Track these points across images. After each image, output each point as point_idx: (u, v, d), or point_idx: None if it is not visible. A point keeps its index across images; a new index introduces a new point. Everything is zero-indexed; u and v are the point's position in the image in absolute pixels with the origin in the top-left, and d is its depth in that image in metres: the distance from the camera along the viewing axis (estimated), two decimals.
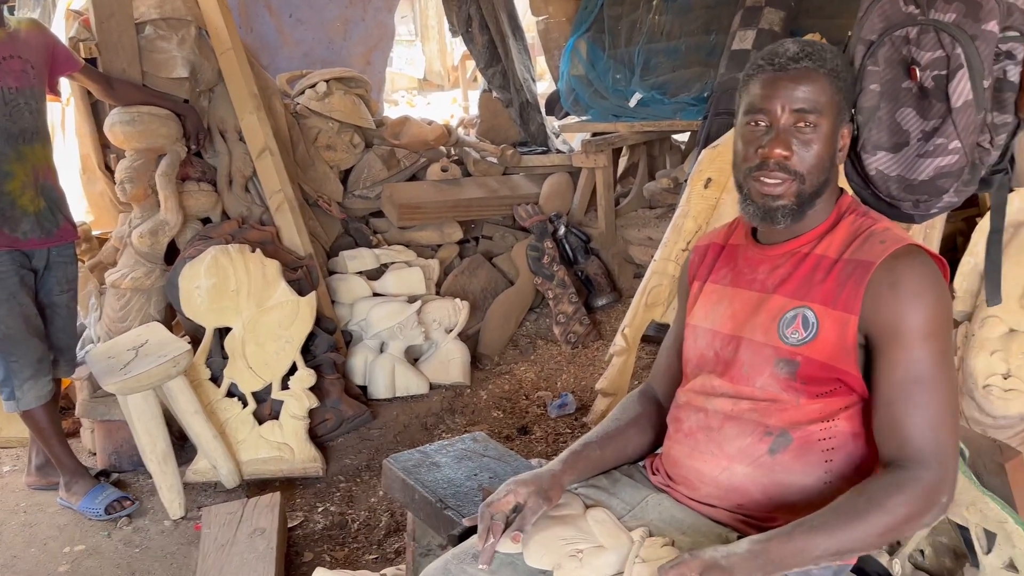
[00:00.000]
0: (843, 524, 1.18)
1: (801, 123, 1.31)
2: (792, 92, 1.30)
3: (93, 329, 3.30)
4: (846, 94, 1.35)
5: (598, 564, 1.30)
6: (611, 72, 4.34)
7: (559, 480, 1.42)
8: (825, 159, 1.33)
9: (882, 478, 1.22)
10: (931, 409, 1.23)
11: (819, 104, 1.30)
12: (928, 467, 1.21)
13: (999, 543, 1.45)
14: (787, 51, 1.33)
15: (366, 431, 3.32)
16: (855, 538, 1.18)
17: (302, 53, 4.82)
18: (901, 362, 1.24)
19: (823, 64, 1.32)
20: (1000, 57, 1.50)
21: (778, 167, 1.32)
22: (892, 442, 1.24)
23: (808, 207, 1.35)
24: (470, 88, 8.95)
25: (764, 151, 1.32)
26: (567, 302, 4.00)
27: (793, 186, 1.32)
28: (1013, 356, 2.34)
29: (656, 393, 1.61)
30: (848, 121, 1.37)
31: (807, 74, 1.31)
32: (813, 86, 1.30)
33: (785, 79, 1.31)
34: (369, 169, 4.13)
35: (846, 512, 1.19)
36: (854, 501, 1.20)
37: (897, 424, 1.24)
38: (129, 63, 3.27)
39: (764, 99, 1.32)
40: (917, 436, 1.23)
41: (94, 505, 2.82)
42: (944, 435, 1.23)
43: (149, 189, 3.22)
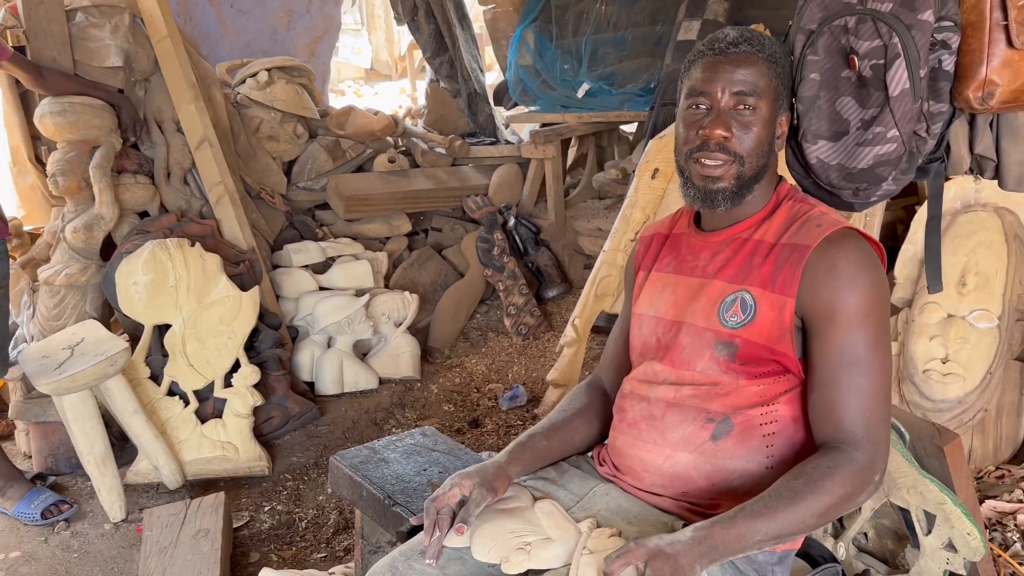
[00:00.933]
0: (783, 508, 1.20)
1: (741, 106, 1.33)
2: (732, 75, 1.33)
3: (26, 328, 3.18)
4: (784, 81, 1.38)
5: (546, 556, 1.29)
6: (559, 62, 4.33)
7: (505, 471, 1.41)
8: (764, 142, 1.35)
9: (817, 460, 1.24)
10: (864, 392, 1.26)
11: (758, 87, 1.33)
12: (861, 448, 1.24)
13: (938, 524, 1.48)
14: (727, 36, 1.35)
15: (313, 428, 3.27)
16: (795, 520, 1.20)
17: (244, 43, 4.71)
18: (836, 344, 1.27)
19: (761, 50, 1.34)
20: (935, 47, 1.52)
21: (719, 148, 1.34)
22: (826, 423, 1.27)
23: (747, 191, 1.36)
24: (418, 78, 8.87)
25: (705, 132, 1.34)
26: (517, 294, 3.99)
27: (733, 168, 1.34)
28: (951, 341, 2.39)
29: (603, 384, 1.62)
30: (786, 109, 1.40)
31: (746, 58, 1.33)
32: (752, 69, 1.33)
33: (725, 63, 1.33)
34: (314, 160, 4.06)
35: (786, 496, 1.21)
36: (792, 484, 1.22)
37: (831, 406, 1.26)
38: (60, 52, 3.15)
39: (705, 82, 1.34)
40: (850, 418, 1.25)
41: (30, 510, 2.72)
42: (876, 417, 1.26)
43: (83, 182, 3.12)
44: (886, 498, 1.54)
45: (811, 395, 1.29)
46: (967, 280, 2.40)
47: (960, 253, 2.41)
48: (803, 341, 1.31)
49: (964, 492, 1.52)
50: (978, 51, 1.48)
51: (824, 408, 1.27)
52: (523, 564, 1.29)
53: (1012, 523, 2.03)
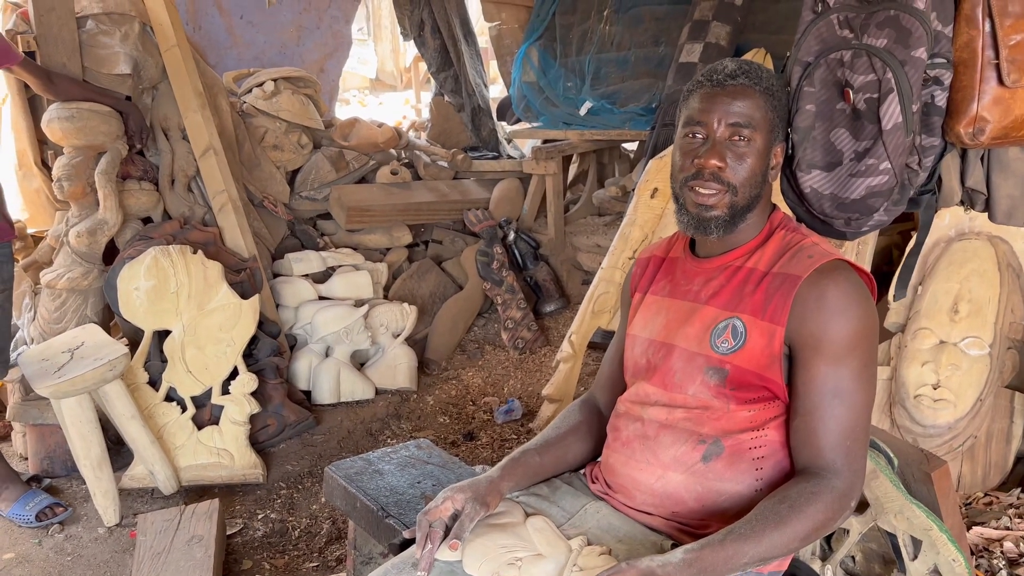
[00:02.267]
0: (769, 531, 1.23)
1: (736, 137, 1.36)
2: (728, 107, 1.36)
3: (27, 330, 3.20)
4: (780, 113, 1.40)
5: (536, 572, 1.31)
6: (562, 80, 4.37)
7: (497, 487, 1.43)
8: (757, 173, 1.38)
9: (800, 485, 1.28)
10: (846, 422, 1.29)
11: (753, 119, 1.36)
12: (841, 476, 1.28)
13: (924, 550, 1.50)
14: (725, 68, 1.38)
15: (309, 437, 3.28)
16: (780, 543, 1.24)
17: (252, 56, 4.75)
18: (821, 374, 1.29)
19: (759, 82, 1.37)
20: (928, 83, 1.56)
21: (713, 177, 1.36)
22: (807, 449, 1.31)
23: (740, 220, 1.39)
24: (423, 89, 8.92)
25: (700, 161, 1.37)
26: (515, 308, 4.01)
27: (726, 197, 1.37)
28: (942, 367, 2.42)
29: (598, 402, 1.64)
30: (781, 140, 1.42)
31: (743, 91, 1.36)
32: (748, 102, 1.36)
33: (722, 94, 1.36)
34: (317, 170, 4.09)
35: (772, 520, 1.24)
36: (777, 509, 1.25)
37: (812, 434, 1.30)
38: (69, 58, 3.19)
39: (702, 112, 1.37)
40: (830, 447, 1.29)
41: (24, 512, 2.73)
42: (856, 447, 1.30)
43: (88, 187, 3.14)
44: (874, 522, 1.56)
45: (793, 421, 1.32)
46: (960, 307, 2.43)
47: (953, 280, 2.44)
48: (789, 367, 1.34)
49: (951, 519, 1.54)
50: (970, 88, 1.52)
51: (805, 435, 1.30)
52: None
53: (999, 549, 2.05)
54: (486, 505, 1.39)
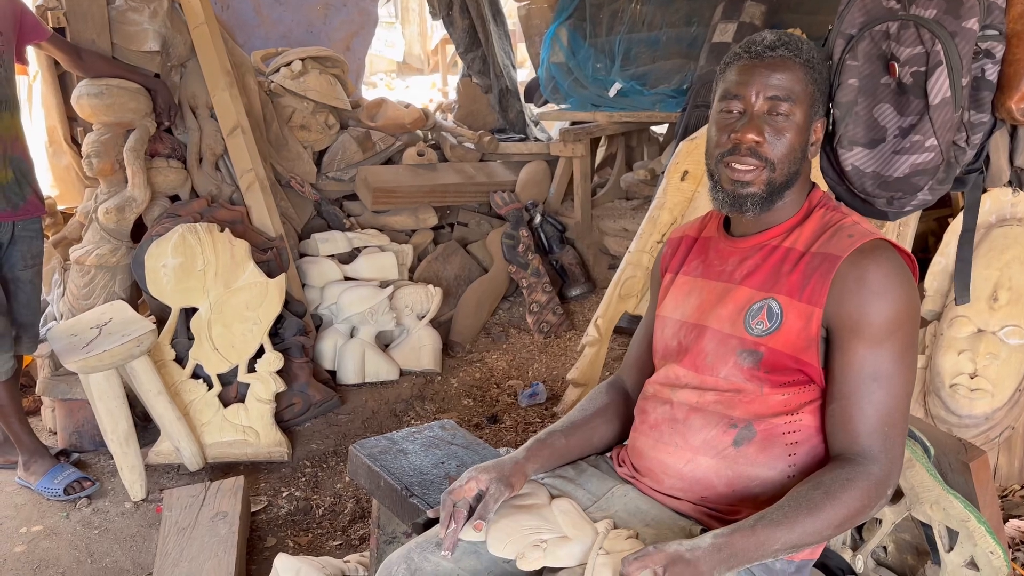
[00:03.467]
0: (802, 518, 1.19)
1: (775, 111, 1.32)
2: (767, 79, 1.31)
3: (56, 306, 3.23)
4: (820, 87, 1.35)
5: (561, 554, 1.29)
6: (591, 61, 4.32)
7: (522, 468, 1.41)
8: (796, 149, 1.33)
9: (835, 471, 1.23)
10: (884, 406, 1.25)
11: (793, 92, 1.31)
12: (878, 463, 1.23)
13: (961, 541, 1.45)
14: (764, 40, 1.34)
15: (334, 416, 3.29)
16: (813, 530, 1.20)
17: (280, 34, 4.74)
18: (859, 357, 1.25)
19: (799, 54, 1.33)
20: (979, 55, 1.50)
21: (750, 152, 1.32)
22: (843, 435, 1.26)
23: (777, 197, 1.35)
24: (449, 73, 8.88)
25: (736, 136, 1.33)
26: (541, 291, 3.99)
27: (763, 174, 1.32)
28: (980, 356, 2.36)
29: (625, 384, 1.61)
30: (822, 115, 1.37)
31: (783, 62, 1.31)
32: (788, 74, 1.31)
33: (761, 66, 1.32)
34: (344, 151, 4.08)
35: (805, 506, 1.20)
36: (811, 495, 1.21)
37: (849, 419, 1.25)
38: (98, 34, 3.19)
39: (739, 85, 1.33)
40: (868, 432, 1.24)
41: (53, 485, 2.76)
42: (894, 432, 1.25)
43: (116, 164, 3.15)
44: (908, 512, 1.52)
45: (830, 405, 1.28)
46: (999, 295, 2.36)
47: (993, 267, 2.37)
48: (825, 350, 1.30)
49: (988, 510, 1.50)
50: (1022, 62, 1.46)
51: (842, 419, 1.26)
52: (539, 561, 1.29)
53: None
54: (511, 486, 1.37)
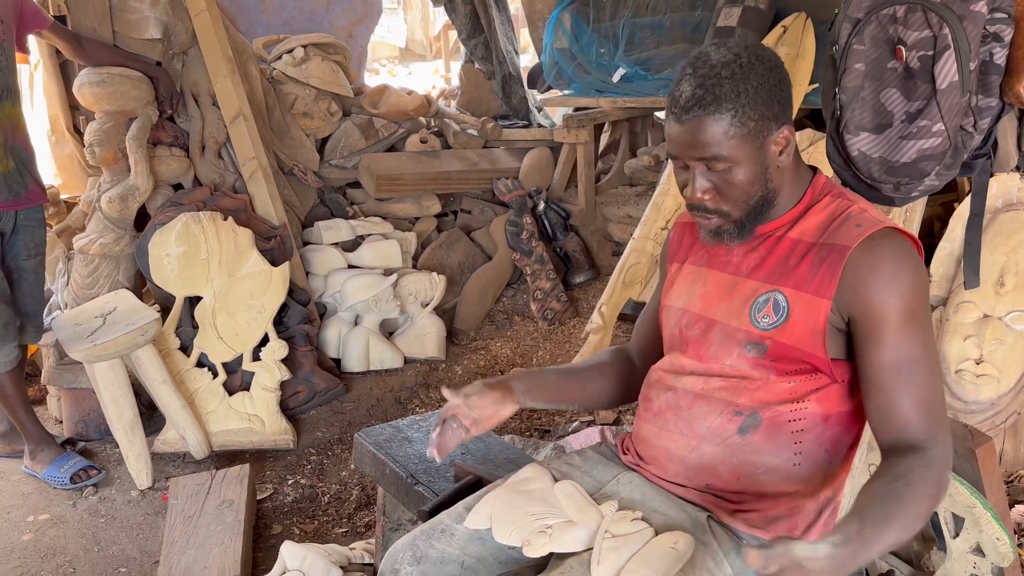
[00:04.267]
0: (899, 514, 1.13)
1: (712, 168, 1.28)
2: (692, 142, 1.26)
3: (60, 295, 3.23)
4: (763, 107, 1.26)
5: (567, 540, 1.29)
6: (595, 46, 4.28)
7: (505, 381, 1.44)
8: (751, 185, 1.29)
9: (908, 459, 1.19)
10: (925, 388, 1.23)
11: (723, 147, 1.25)
12: (938, 444, 1.21)
13: (967, 527, 1.46)
14: (681, 96, 1.26)
15: (339, 404, 3.29)
16: (908, 526, 1.15)
17: (282, 21, 4.71)
18: (891, 344, 1.23)
19: (717, 105, 1.24)
20: (987, 39, 1.48)
21: (703, 209, 1.31)
22: (892, 425, 1.23)
23: (754, 223, 1.33)
24: (452, 59, 8.83)
25: (687, 196, 1.32)
26: (545, 278, 3.98)
27: (725, 220, 1.32)
28: (986, 342, 2.35)
29: (631, 352, 1.61)
30: (783, 122, 1.29)
31: (700, 124, 1.24)
32: (710, 131, 1.24)
33: (683, 131, 1.27)
34: (346, 138, 4.06)
35: (895, 502, 1.14)
36: (895, 487, 1.15)
37: (897, 407, 1.23)
38: (99, 22, 3.18)
39: (673, 146, 1.30)
40: (920, 417, 1.22)
41: (59, 474, 2.77)
42: (940, 411, 1.24)
43: (119, 153, 3.15)
44: None
45: (869, 399, 1.25)
46: (1006, 280, 2.35)
47: (1000, 252, 2.36)
48: (847, 343, 1.28)
49: (995, 496, 1.49)
50: None
51: (888, 408, 1.23)
52: (545, 547, 1.29)
53: None
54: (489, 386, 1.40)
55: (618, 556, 1.21)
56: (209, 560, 2.23)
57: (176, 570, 2.21)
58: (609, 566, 1.21)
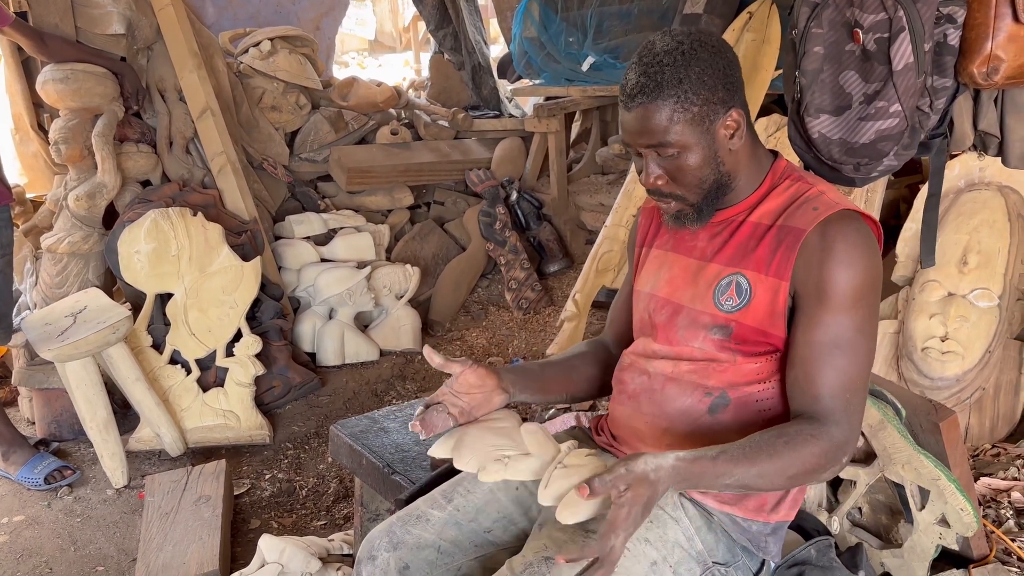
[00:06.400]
0: (762, 460, 1.20)
1: (663, 153, 1.30)
2: (640, 130, 1.29)
3: (29, 295, 3.19)
4: (709, 91, 1.27)
5: (521, 468, 1.31)
6: (564, 35, 4.28)
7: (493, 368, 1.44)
8: (702, 168, 1.31)
9: (800, 425, 1.25)
10: (847, 374, 1.26)
11: (668, 133, 1.27)
12: (840, 427, 1.25)
13: (932, 499, 1.49)
14: (627, 85, 1.29)
15: (315, 398, 3.29)
16: (768, 475, 1.21)
17: (248, 15, 4.66)
18: (823, 324, 1.26)
19: (659, 92, 1.26)
20: (941, 20, 1.50)
21: (659, 194, 1.34)
22: (805, 397, 1.27)
23: (714, 204, 1.35)
24: (422, 50, 8.79)
25: (643, 183, 1.34)
26: (519, 268, 3.99)
27: (682, 203, 1.34)
28: (951, 319, 2.39)
29: (607, 341, 1.64)
30: (731, 106, 1.30)
31: (646, 110, 1.27)
32: (655, 117, 1.26)
33: (632, 119, 1.29)
34: (316, 131, 4.04)
35: (767, 450, 1.21)
36: (774, 441, 1.22)
37: (811, 382, 1.26)
38: (62, 18, 3.13)
39: (625, 135, 1.33)
40: (830, 395, 1.25)
41: (33, 475, 2.75)
42: (855, 399, 1.27)
43: (85, 150, 3.11)
44: (881, 473, 1.55)
45: (792, 370, 1.29)
46: (969, 259, 2.40)
47: (962, 232, 2.40)
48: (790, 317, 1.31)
49: (959, 468, 1.53)
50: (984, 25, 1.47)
51: (805, 383, 1.27)
52: (499, 474, 1.31)
53: (1006, 500, 2.05)
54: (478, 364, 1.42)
55: (567, 483, 1.24)
56: (187, 556, 2.22)
57: (154, 567, 2.20)
58: (555, 490, 1.24)
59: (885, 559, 1.59)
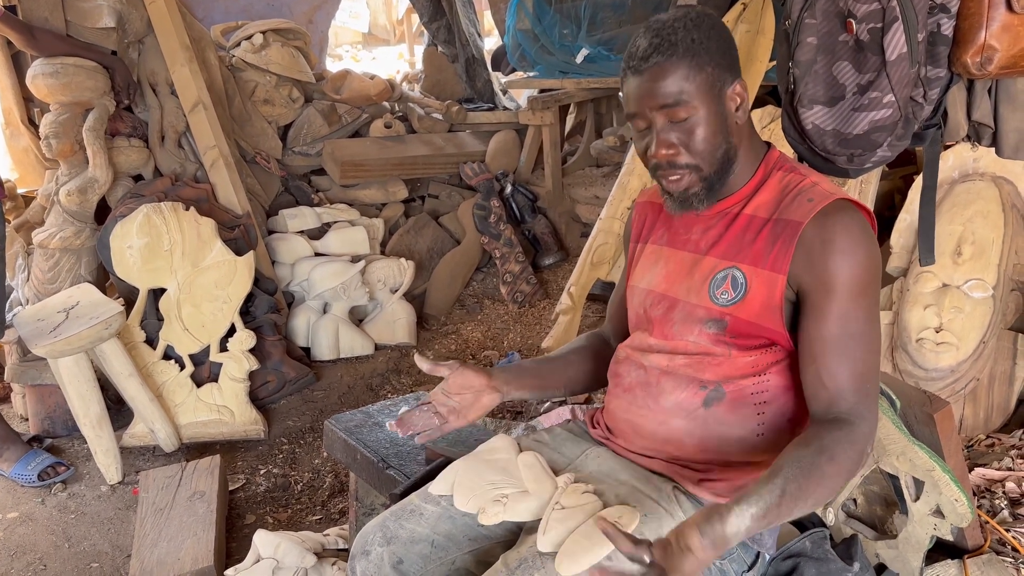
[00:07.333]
0: (814, 488, 1.17)
1: (674, 119, 1.29)
2: (653, 91, 1.28)
3: (21, 291, 3.18)
4: (717, 57, 1.29)
5: (520, 509, 1.32)
6: (558, 27, 4.27)
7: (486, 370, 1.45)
8: (715, 136, 1.30)
9: (833, 433, 1.21)
10: (864, 364, 1.25)
11: (684, 92, 1.27)
12: (865, 420, 1.24)
13: (927, 490, 1.49)
14: (638, 50, 1.29)
15: (309, 393, 3.28)
16: (821, 499, 1.19)
17: (240, 8, 4.64)
18: (835, 316, 1.25)
19: (674, 50, 1.27)
20: (934, 10, 1.50)
21: (670, 166, 1.32)
22: (824, 394, 1.26)
23: (722, 180, 1.34)
24: (416, 43, 8.76)
25: (652, 155, 1.32)
26: (514, 261, 3.99)
27: (693, 175, 1.32)
28: (945, 310, 2.39)
29: (607, 334, 1.64)
30: (736, 78, 1.32)
31: (660, 70, 1.27)
32: (671, 77, 1.27)
33: (643, 81, 1.28)
34: (309, 125, 4.02)
35: (816, 475, 1.17)
36: (817, 461, 1.18)
37: (833, 377, 1.25)
38: (51, 12, 3.11)
39: (633, 104, 1.31)
40: (852, 390, 1.24)
41: (26, 471, 2.74)
42: (872, 388, 1.26)
43: (76, 145, 3.09)
44: (876, 464, 1.55)
45: (806, 367, 1.27)
46: (963, 250, 2.40)
47: (957, 222, 2.40)
48: (794, 314, 1.30)
49: (953, 459, 1.53)
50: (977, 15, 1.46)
51: (824, 379, 1.25)
52: (498, 515, 1.32)
53: (1000, 490, 2.05)
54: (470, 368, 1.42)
55: (564, 527, 1.24)
56: (182, 552, 2.22)
57: (149, 563, 2.20)
58: (553, 536, 1.24)
59: (880, 550, 1.59)
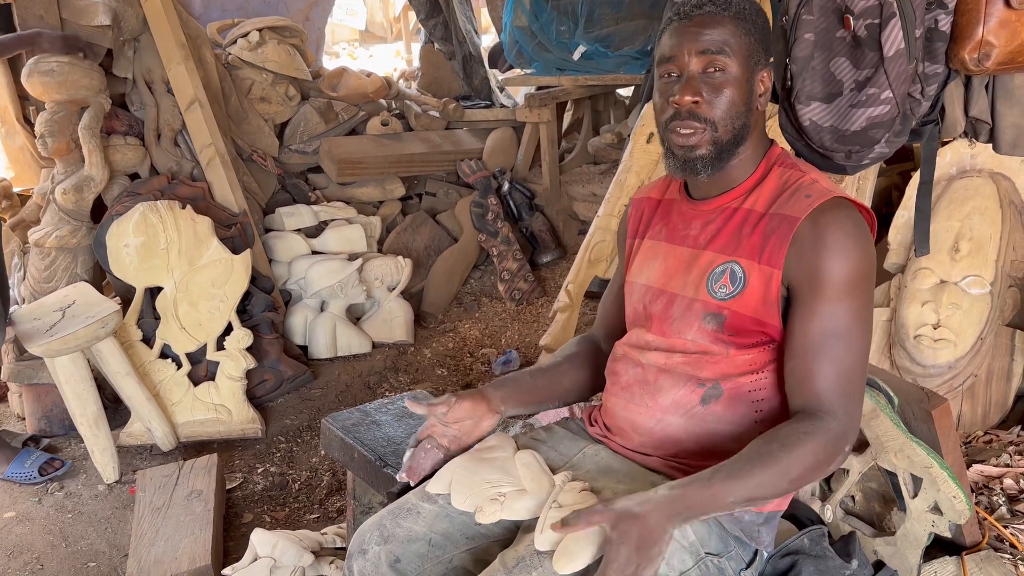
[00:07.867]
0: (758, 471, 1.19)
1: (710, 68, 1.30)
2: (697, 37, 1.30)
3: (17, 290, 3.17)
4: (759, 37, 1.33)
5: (517, 508, 1.31)
6: (555, 24, 4.27)
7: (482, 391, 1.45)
8: (738, 103, 1.31)
9: (793, 425, 1.23)
10: (844, 363, 1.25)
11: (726, 45, 1.29)
12: (836, 418, 1.24)
13: (925, 487, 1.49)
14: (690, 1, 1.32)
15: (307, 391, 3.28)
16: (769, 483, 1.20)
17: (236, 5, 4.63)
18: (819, 314, 1.25)
19: (728, 7, 1.31)
20: (932, 6, 1.49)
21: (690, 115, 1.31)
22: (802, 389, 1.26)
23: (728, 155, 1.34)
24: (413, 40, 8.75)
25: (675, 99, 1.31)
26: (511, 259, 3.98)
27: (707, 134, 1.31)
28: (943, 307, 2.39)
29: (597, 338, 1.62)
30: (766, 65, 1.35)
31: (711, 18, 1.30)
32: (718, 28, 1.30)
33: (690, 25, 1.30)
34: (306, 122, 4.02)
35: (761, 459, 1.20)
36: (767, 448, 1.21)
37: (809, 374, 1.25)
38: (47, 10, 3.10)
39: (672, 48, 1.32)
40: (827, 387, 1.24)
41: (24, 469, 2.74)
42: (853, 388, 1.26)
43: (72, 143, 3.08)
44: (874, 461, 1.55)
45: (789, 362, 1.28)
46: (960, 246, 2.39)
47: (954, 219, 2.40)
48: (785, 307, 1.30)
49: (951, 456, 1.53)
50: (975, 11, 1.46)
51: (802, 375, 1.26)
52: (496, 514, 1.31)
53: (998, 487, 2.05)
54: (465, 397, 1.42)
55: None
56: (179, 551, 2.21)
57: (146, 562, 2.19)
58: (551, 535, 1.23)
59: (878, 547, 1.59)
